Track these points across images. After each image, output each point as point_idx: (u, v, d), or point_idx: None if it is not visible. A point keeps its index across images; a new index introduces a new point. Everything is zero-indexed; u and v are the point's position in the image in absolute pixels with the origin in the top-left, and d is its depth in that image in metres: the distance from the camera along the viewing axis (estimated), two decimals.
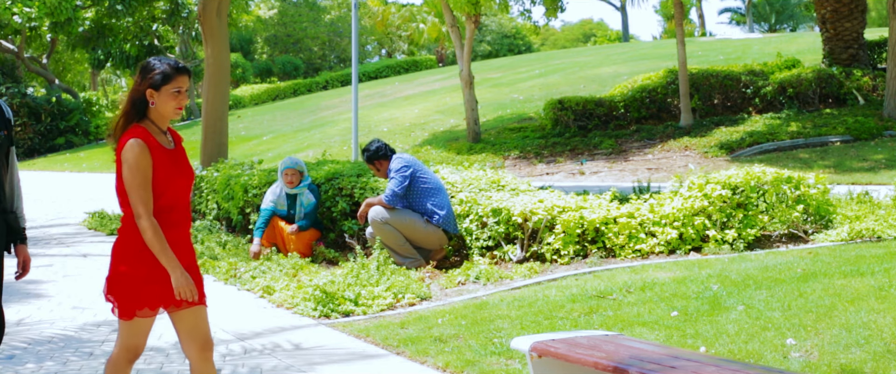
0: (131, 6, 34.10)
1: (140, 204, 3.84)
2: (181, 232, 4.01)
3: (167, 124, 4.02)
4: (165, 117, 3.97)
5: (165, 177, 3.91)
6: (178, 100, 3.94)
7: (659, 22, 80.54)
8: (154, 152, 3.89)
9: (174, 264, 3.87)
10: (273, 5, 57.02)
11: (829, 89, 18.77)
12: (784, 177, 8.37)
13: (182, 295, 3.89)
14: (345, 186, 9.67)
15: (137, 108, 3.94)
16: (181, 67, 3.96)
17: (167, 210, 3.93)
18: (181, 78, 3.94)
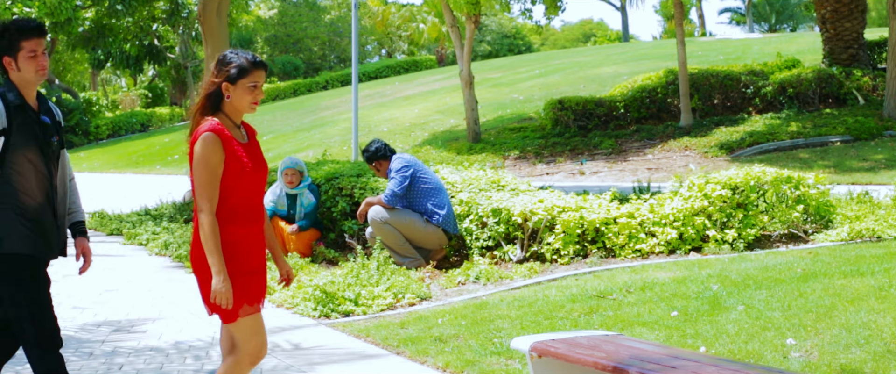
0: (131, 6, 34.09)
1: (204, 199, 3.77)
2: (255, 229, 3.92)
3: (241, 118, 3.95)
4: (240, 112, 3.90)
5: (239, 171, 3.84)
6: (254, 94, 3.87)
7: (659, 22, 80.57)
8: (228, 146, 3.81)
9: (220, 267, 3.76)
10: (273, 5, 57.01)
11: (829, 89, 18.76)
12: (784, 177, 8.37)
13: (216, 301, 3.77)
14: (345, 186, 9.67)
15: (212, 101, 3.87)
16: (258, 61, 3.88)
17: (241, 206, 3.86)
18: (258, 72, 3.87)
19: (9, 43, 4.14)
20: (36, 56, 4.16)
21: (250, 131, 4.02)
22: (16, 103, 4.16)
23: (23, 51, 4.14)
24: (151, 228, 11.98)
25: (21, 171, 4.16)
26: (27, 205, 4.19)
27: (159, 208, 13.98)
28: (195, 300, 7.90)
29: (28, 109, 4.20)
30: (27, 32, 4.14)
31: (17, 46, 4.14)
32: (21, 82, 4.19)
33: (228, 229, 3.83)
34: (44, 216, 4.25)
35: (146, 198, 16.30)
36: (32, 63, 4.16)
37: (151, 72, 49.12)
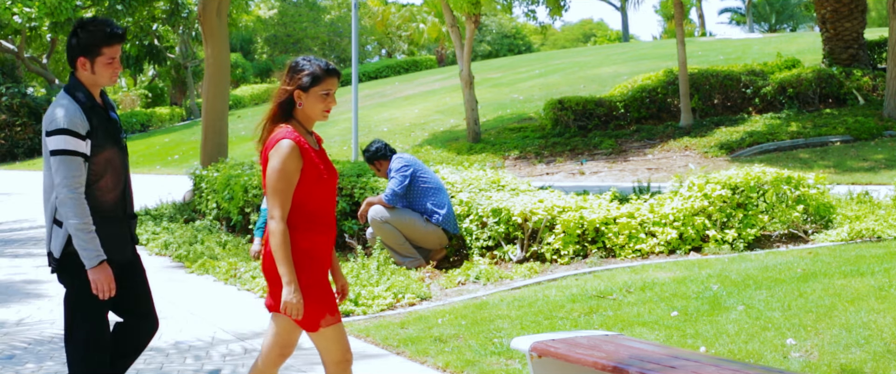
0: (131, 6, 34.10)
1: (277, 207, 3.68)
2: (327, 239, 3.84)
3: (312, 126, 3.89)
4: (312, 119, 3.84)
5: (316, 178, 3.77)
6: (326, 102, 3.81)
7: (659, 22, 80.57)
8: (305, 154, 3.75)
9: (291, 277, 3.66)
10: (273, 5, 57.02)
11: (829, 89, 18.77)
12: (784, 177, 8.37)
13: (288, 312, 3.67)
14: (345, 186, 9.67)
15: (284, 109, 3.81)
16: (331, 69, 3.82)
17: (318, 214, 3.79)
18: (331, 80, 3.80)
19: (89, 45, 4.06)
20: (113, 63, 4.10)
21: (318, 139, 3.96)
22: (89, 104, 4.09)
23: (102, 56, 4.08)
24: (151, 228, 11.98)
25: (100, 171, 4.10)
26: (106, 205, 4.14)
27: (159, 208, 13.98)
28: (195, 300, 7.90)
29: (99, 109, 4.14)
30: (111, 39, 4.07)
31: (97, 50, 4.06)
32: (90, 83, 4.12)
33: (307, 236, 3.76)
34: (119, 215, 4.21)
35: (146, 198, 16.29)
36: (109, 69, 4.10)
37: (151, 72, 49.12)
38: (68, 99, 4.07)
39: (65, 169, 3.97)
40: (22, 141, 38.01)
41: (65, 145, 3.97)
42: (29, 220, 15.08)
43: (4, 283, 8.92)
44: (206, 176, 12.72)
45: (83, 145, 4.02)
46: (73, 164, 3.98)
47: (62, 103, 4.05)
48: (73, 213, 3.97)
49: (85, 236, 3.99)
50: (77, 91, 4.09)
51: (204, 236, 10.80)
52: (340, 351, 3.88)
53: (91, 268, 4.01)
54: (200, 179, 13.05)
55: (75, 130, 4.00)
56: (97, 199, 4.10)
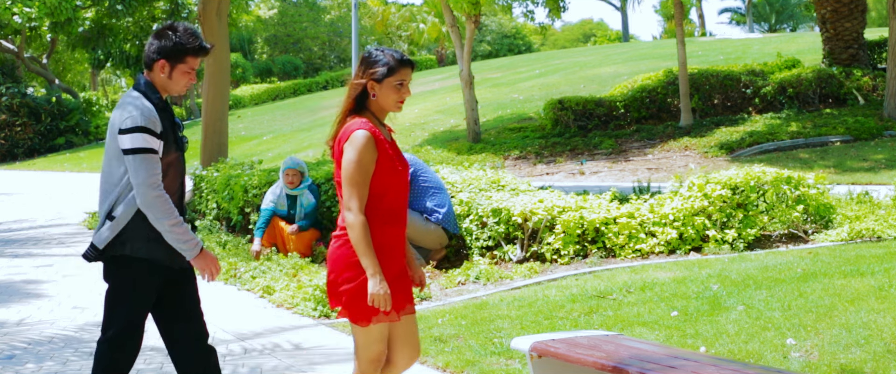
0: (131, 6, 34.10)
1: (354, 198, 3.64)
2: (400, 232, 3.80)
3: (385, 117, 3.85)
4: (385, 111, 3.80)
5: (391, 170, 3.73)
6: (401, 93, 3.77)
7: (659, 22, 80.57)
8: (380, 145, 3.71)
9: (375, 269, 3.61)
10: (273, 5, 57.02)
11: (829, 89, 18.77)
12: (784, 177, 8.37)
13: (375, 304, 3.62)
14: None
15: (358, 101, 3.78)
16: (405, 60, 3.77)
17: (390, 207, 3.74)
18: (405, 70, 3.75)
19: (175, 51, 4.02)
20: (191, 73, 4.08)
21: (390, 130, 3.92)
22: (161, 105, 4.05)
23: (184, 64, 4.04)
24: None
25: (164, 173, 4.02)
26: None
27: None
28: None
29: (166, 110, 4.10)
30: (198, 51, 4.05)
31: (181, 58, 4.03)
32: (161, 86, 4.07)
33: (383, 229, 3.71)
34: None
35: None
36: (185, 78, 4.07)
37: None
38: (141, 98, 4.01)
39: (145, 168, 3.91)
40: (22, 141, 38.00)
41: (143, 143, 3.91)
42: (29, 220, 15.08)
43: (4, 283, 8.92)
44: (206, 176, 12.72)
45: (158, 144, 3.97)
46: (152, 162, 3.93)
47: (137, 102, 3.98)
48: (163, 212, 3.92)
49: (179, 229, 3.96)
50: (150, 91, 4.04)
51: (204, 236, 10.81)
52: (377, 352, 3.82)
53: (194, 258, 4.02)
54: (200, 180, 13.05)
55: (152, 128, 3.94)
56: None
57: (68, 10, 33.12)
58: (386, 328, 3.80)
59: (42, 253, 11.02)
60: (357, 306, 3.68)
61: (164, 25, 4.10)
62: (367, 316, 3.70)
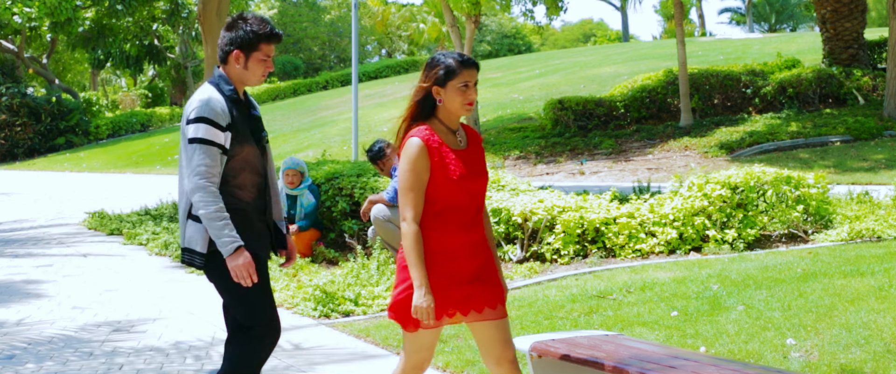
0: (131, 6, 34.12)
1: (408, 207, 3.61)
2: (467, 239, 3.70)
3: (457, 122, 3.76)
4: (454, 115, 3.70)
5: (446, 179, 3.64)
6: (466, 95, 3.67)
7: (659, 22, 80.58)
8: (434, 153, 3.63)
9: (421, 281, 3.57)
10: (273, 5, 57.05)
11: (829, 89, 18.77)
12: (784, 177, 8.37)
13: (417, 316, 3.58)
14: (345, 186, 9.67)
15: (422, 107, 3.71)
16: (467, 60, 3.68)
17: (450, 214, 3.67)
18: (467, 71, 3.66)
19: (249, 40, 3.96)
20: (267, 61, 4.02)
21: (472, 137, 3.81)
22: (234, 97, 3.99)
23: (259, 52, 3.99)
24: (151, 228, 11.98)
25: (238, 167, 3.98)
26: (240, 202, 4.00)
27: (159, 208, 13.98)
28: (195, 300, 7.90)
29: (241, 103, 4.03)
30: (271, 38, 3.99)
31: (255, 46, 3.97)
32: (237, 78, 4.02)
33: (436, 237, 3.66)
34: (257, 212, 4.07)
35: (146, 198, 16.30)
36: (261, 66, 4.00)
37: (151, 72, 49.14)
38: (212, 89, 3.96)
39: (199, 157, 3.86)
40: (22, 141, 38.00)
41: (203, 134, 3.87)
42: (29, 220, 15.08)
43: (4, 283, 8.92)
44: None
45: (222, 137, 3.90)
46: (209, 153, 3.87)
47: (205, 93, 3.95)
48: (205, 202, 3.85)
49: (218, 223, 3.86)
50: (222, 83, 3.99)
51: None
52: (421, 359, 3.76)
53: (228, 255, 3.88)
54: None
55: (215, 120, 3.89)
56: (233, 196, 3.98)
57: (68, 10, 33.13)
58: (433, 337, 3.74)
59: (42, 253, 11.02)
60: (406, 312, 3.67)
61: (234, 17, 4.04)
62: (414, 322, 3.68)
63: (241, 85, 4.04)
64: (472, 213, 3.72)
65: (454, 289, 3.66)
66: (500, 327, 3.72)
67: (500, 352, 3.72)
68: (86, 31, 36.16)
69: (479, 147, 3.81)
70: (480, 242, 3.76)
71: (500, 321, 3.72)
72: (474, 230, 3.73)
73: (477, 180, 3.72)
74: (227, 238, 3.87)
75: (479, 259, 3.74)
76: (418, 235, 3.61)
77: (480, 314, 3.70)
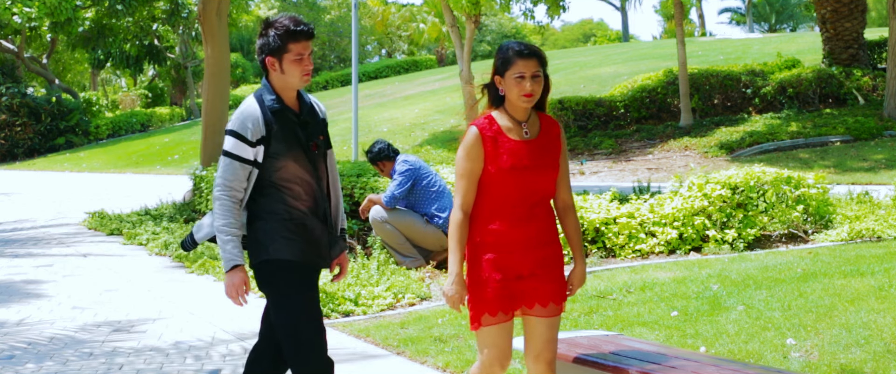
0: (131, 6, 34.10)
1: (458, 194, 3.58)
2: (523, 232, 3.60)
3: (525, 112, 3.62)
4: (515, 106, 3.59)
5: (498, 169, 3.56)
6: (521, 86, 3.53)
7: (659, 22, 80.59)
8: (488, 142, 3.57)
9: (454, 269, 3.54)
10: (273, 5, 57.01)
11: (829, 89, 18.77)
12: (784, 177, 8.37)
13: (448, 304, 3.61)
14: (345, 186, 9.67)
15: (490, 95, 3.65)
16: (522, 50, 3.55)
17: (504, 206, 3.58)
18: (523, 62, 3.52)
19: (276, 44, 3.85)
20: (302, 60, 3.87)
21: (547, 128, 3.66)
22: (274, 107, 3.87)
23: (290, 53, 3.85)
24: (151, 228, 11.98)
25: (287, 177, 3.87)
26: (294, 211, 3.89)
27: (159, 208, 13.98)
28: (195, 300, 7.90)
29: (288, 112, 3.90)
30: (296, 35, 3.84)
31: (284, 48, 3.84)
32: (281, 85, 3.90)
33: (487, 228, 3.59)
34: (312, 222, 3.94)
35: (146, 198, 16.30)
36: (298, 67, 3.86)
37: (151, 72, 49.13)
38: (252, 101, 3.90)
39: (222, 170, 3.85)
40: (22, 141, 38.00)
41: (229, 147, 3.84)
42: (29, 220, 15.08)
43: (4, 283, 8.92)
44: (206, 176, 12.72)
45: (250, 152, 3.84)
46: (232, 168, 3.84)
47: (243, 105, 3.89)
48: (220, 214, 3.84)
49: (224, 237, 3.84)
50: (265, 93, 3.90)
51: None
52: (491, 357, 3.66)
53: (225, 272, 3.85)
54: (200, 180, 13.05)
55: (244, 134, 3.83)
56: (286, 204, 3.90)
57: (68, 10, 33.12)
58: (498, 333, 3.64)
59: (42, 253, 11.02)
60: (470, 309, 3.67)
61: (262, 23, 3.97)
62: (474, 319, 3.67)
63: (285, 91, 3.92)
64: (528, 206, 3.60)
65: (508, 283, 3.59)
66: (547, 325, 3.66)
67: (540, 350, 3.66)
68: (86, 31, 36.13)
69: (553, 139, 3.66)
70: (540, 236, 3.64)
71: (548, 320, 3.65)
72: (532, 224, 3.62)
73: (536, 173, 3.59)
74: (227, 255, 3.85)
75: (538, 254, 3.63)
76: (462, 223, 3.56)
77: (531, 310, 3.65)
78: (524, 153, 3.58)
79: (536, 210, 3.63)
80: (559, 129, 3.70)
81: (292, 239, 3.88)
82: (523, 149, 3.59)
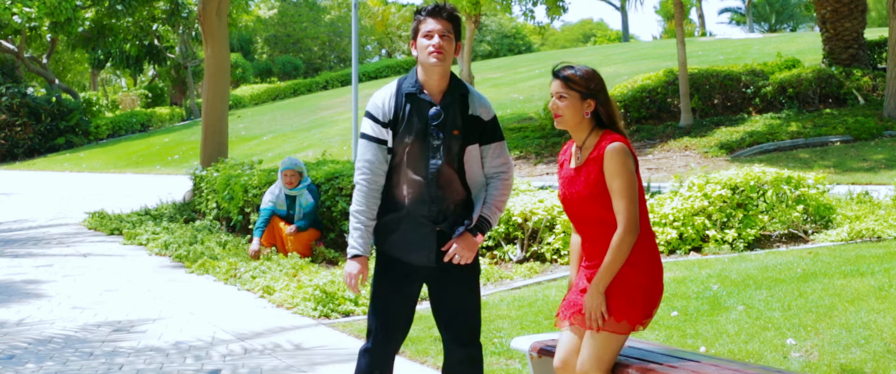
0: (131, 6, 34.10)
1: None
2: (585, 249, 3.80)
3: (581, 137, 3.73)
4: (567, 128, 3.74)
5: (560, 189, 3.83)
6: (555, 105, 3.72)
7: (659, 22, 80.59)
8: (559, 167, 3.85)
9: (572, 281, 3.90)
10: (273, 5, 57.02)
11: (829, 89, 18.76)
12: (784, 177, 8.37)
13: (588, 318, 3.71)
14: (345, 186, 9.67)
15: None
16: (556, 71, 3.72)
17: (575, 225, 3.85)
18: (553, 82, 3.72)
19: (414, 23, 3.78)
20: (430, 38, 3.70)
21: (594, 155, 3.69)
22: (408, 91, 3.78)
23: (419, 33, 3.74)
24: (151, 228, 11.98)
25: (396, 165, 3.79)
26: (398, 203, 3.81)
27: (159, 208, 13.98)
28: (195, 300, 7.91)
29: (420, 98, 3.77)
30: (425, 12, 3.74)
31: (418, 27, 3.75)
32: (421, 69, 3.79)
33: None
34: (418, 218, 3.80)
35: (146, 198, 16.30)
36: (425, 48, 3.70)
37: (151, 72, 49.13)
38: (391, 85, 3.84)
39: (360, 152, 3.81)
40: (22, 141, 38.00)
41: (363, 128, 3.81)
42: (29, 220, 15.08)
43: (4, 283, 8.92)
44: (206, 176, 12.72)
45: (383, 132, 3.76)
46: (367, 148, 3.78)
47: (382, 88, 3.86)
48: (355, 199, 3.81)
49: (353, 223, 3.81)
50: (406, 77, 3.84)
51: (204, 236, 10.80)
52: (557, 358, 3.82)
53: (348, 259, 3.83)
54: (200, 180, 13.05)
55: (375, 115, 3.78)
56: (391, 196, 3.82)
57: (68, 10, 33.11)
58: (563, 336, 3.82)
59: (42, 253, 11.02)
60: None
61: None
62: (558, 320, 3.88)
63: (427, 76, 3.77)
64: (580, 229, 3.80)
65: (572, 295, 3.83)
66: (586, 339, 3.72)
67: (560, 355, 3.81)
68: (86, 31, 36.13)
69: (593, 166, 3.68)
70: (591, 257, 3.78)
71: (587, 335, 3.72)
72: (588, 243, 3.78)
73: (573, 203, 3.75)
74: (351, 241, 3.82)
75: (590, 273, 3.77)
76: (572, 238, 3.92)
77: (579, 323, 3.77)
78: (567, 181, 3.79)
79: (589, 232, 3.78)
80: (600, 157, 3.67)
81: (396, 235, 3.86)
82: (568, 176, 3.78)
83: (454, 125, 3.80)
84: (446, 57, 3.73)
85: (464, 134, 3.81)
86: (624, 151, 3.63)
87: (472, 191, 3.91)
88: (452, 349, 3.97)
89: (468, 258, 3.84)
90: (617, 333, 3.69)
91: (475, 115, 3.85)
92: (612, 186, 3.63)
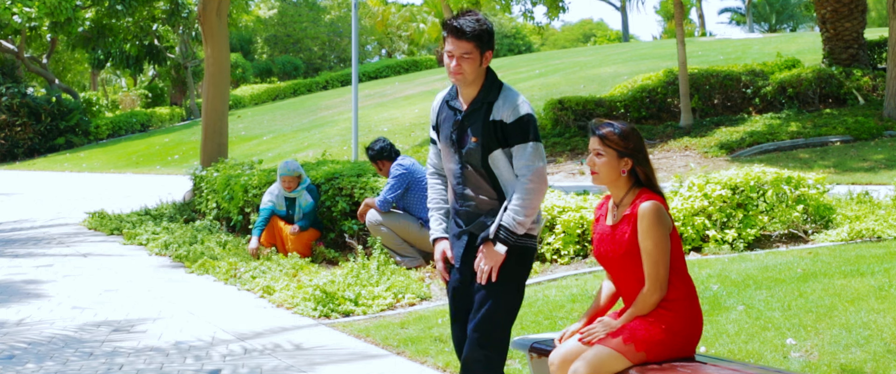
0: (131, 6, 34.08)
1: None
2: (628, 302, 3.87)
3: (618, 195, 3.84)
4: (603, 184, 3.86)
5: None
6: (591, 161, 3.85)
7: (659, 22, 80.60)
8: (594, 224, 3.97)
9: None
10: (273, 5, 57.02)
11: (829, 89, 18.76)
12: (784, 177, 8.37)
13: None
14: (345, 186, 9.67)
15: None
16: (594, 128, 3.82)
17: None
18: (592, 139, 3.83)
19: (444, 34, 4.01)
20: (451, 56, 3.91)
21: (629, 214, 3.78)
22: (446, 98, 4.14)
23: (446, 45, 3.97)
24: (151, 228, 11.98)
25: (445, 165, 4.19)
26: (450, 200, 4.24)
27: (159, 208, 13.98)
28: (195, 300, 7.91)
29: (451, 106, 4.07)
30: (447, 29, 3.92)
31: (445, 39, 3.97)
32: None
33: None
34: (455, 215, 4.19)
35: (146, 198, 16.30)
36: (449, 65, 3.95)
37: (151, 72, 49.13)
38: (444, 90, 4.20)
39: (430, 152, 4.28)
40: (22, 141, 38.00)
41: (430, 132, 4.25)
42: (29, 220, 15.08)
43: (4, 283, 8.92)
44: (206, 176, 12.72)
45: (433, 133, 4.25)
46: (433, 147, 4.27)
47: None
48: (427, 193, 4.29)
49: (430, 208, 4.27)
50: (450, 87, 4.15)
51: (204, 236, 10.80)
52: None
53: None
54: (200, 180, 13.05)
55: (431, 116, 4.25)
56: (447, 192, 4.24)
57: (68, 10, 33.10)
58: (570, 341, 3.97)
59: (42, 253, 11.02)
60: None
61: None
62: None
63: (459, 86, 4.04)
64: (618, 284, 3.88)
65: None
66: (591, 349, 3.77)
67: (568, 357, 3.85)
68: (86, 31, 36.11)
69: (628, 225, 3.76)
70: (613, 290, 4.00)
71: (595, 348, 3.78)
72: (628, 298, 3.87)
73: (609, 261, 3.86)
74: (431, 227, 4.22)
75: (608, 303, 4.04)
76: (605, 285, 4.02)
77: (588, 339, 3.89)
78: (601, 238, 3.90)
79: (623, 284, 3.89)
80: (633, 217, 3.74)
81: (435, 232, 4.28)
82: (603, 234, 3.89)
83: (474, 133, 3.96)
84: (466, 75, 3.91)
85: (483, 141, 3.94)
86: (657, 211, 3.67)
87: (506, 194, 4.00)
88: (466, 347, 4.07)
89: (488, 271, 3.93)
90: (620, 353, 3.70)
91: (497, 119, 3.92)
92: (644, 245, 3.70)
